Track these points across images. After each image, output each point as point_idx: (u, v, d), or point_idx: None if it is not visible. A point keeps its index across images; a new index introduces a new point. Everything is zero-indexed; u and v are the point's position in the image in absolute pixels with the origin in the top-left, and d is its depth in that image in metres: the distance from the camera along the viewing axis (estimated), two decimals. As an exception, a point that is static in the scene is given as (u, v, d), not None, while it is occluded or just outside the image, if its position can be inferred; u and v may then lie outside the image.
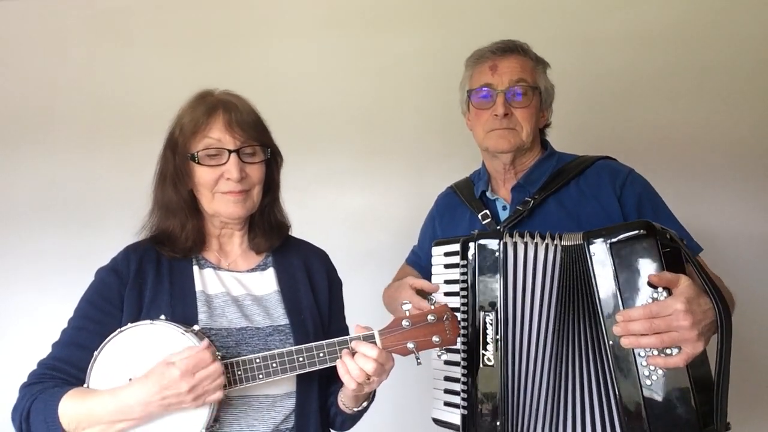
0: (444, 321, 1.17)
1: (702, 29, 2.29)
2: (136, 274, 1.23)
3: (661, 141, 2.30)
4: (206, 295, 1.25)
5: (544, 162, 1.55)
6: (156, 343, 1.12)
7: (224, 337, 1.20)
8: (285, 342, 1.24)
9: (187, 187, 1.26)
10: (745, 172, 2.27)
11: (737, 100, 2.28)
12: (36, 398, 1.12)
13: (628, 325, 1.14)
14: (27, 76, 2.63)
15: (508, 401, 1.26)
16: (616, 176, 1.47)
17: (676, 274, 1.14)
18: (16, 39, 2.63)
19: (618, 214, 1.43)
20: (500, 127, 1.48)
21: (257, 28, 2.55)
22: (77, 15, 2.62)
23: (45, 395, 1.11)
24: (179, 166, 1.24)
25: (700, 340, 1.11)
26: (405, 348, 1.15)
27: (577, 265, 1.25)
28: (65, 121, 2.61)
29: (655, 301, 1.15)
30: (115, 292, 1.22)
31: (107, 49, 2.60)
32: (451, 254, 1.40)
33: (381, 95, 2.48)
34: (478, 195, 1.58)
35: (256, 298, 1.29)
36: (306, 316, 1.29)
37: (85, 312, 1.22)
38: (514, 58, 1.51)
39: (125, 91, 2.59)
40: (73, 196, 2.58)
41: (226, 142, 1.22)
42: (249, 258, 1.35)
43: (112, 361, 1.13)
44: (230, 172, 1.22)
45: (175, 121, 1.28)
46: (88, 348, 1.15)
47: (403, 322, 1.16)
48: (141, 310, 1.20)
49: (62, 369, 1.17)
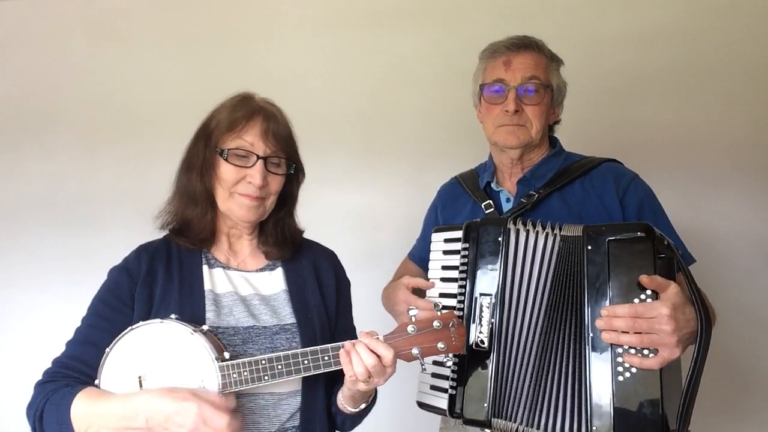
0: (450, 328, 1.16)
1: (702, 29, 2.29)
2: (146, 273, 1.25)
3: (660, 141, 2.31)
4: (214, 294, 1.27)
5: (552, 159, 1.56)
6: (165, 342, 1.14)
7: (231, 336, 1.22)
8: (291, 341, 1.25)
9: (212, 179, 1.29)
10: (745, 172, 2.27)
11: (737, 100, 2.28)
12: (49, 399, 1.14)
13: (611, 321, 1.16)
14: (27, 76, 2.63)
15: (496, 384, 1.28)
16: (621, 179, 1.49)
17: (666, 279, 1.17)
18: (16, 39, 2.63)
19: (619, 216, 1.44)
20: (510, 123, 1.49)
21: (257, 28, 2.56)
22: (77, 15, 2.62)
23: (57, 395, 1.13)
24: (208, 158, 1.27)
25: (678, 346, 1.14)
26: (410, 354, 1.15)
27: (573, 256, 1.27)
28: (65, 121, 2.61)
29: (642, 302, 1.17)
30: (126, 291, 1.24)
31: (107, 49, 2.60)
32: (451, 240, 1.42)
33: (381, 95, 2.48)
34: (482, 186, 1.60)
35: (263, 297, 1.31)
36: (313, 315, 1.31)
37: (97, 310, 1.24)
38: (528, 55, 1.51)
39: (125, 91, 2.59)
40: (73, 196, 2.58)
41: (257, 147, 1.26)
42: (258, 258, 1.37)
43: (122, 359, 1.15)
44: (253, 177, 1.25)
45: (212, 115, 1.31)
46: (100, 346, 1.16)
47: (408, 327, 1.16)
48: (151, 308, 1.22)
49: (75, 367, 1.19)
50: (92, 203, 2.57)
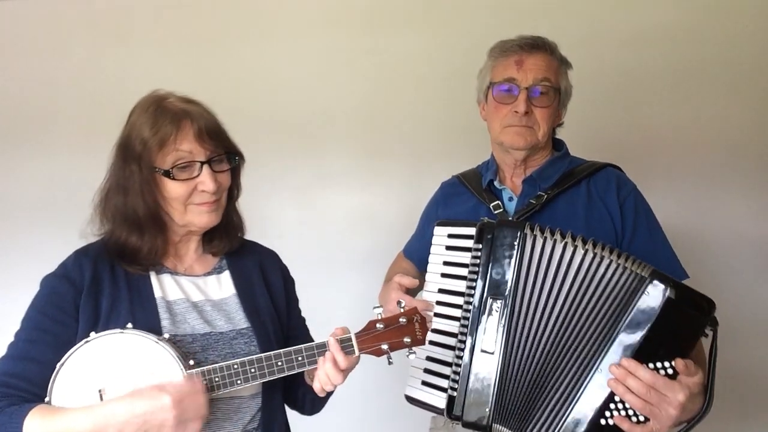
0: (414, 322, 1.21)
1: (702, 29, 2.29)
2: (91, 282, 1.18)
3: (660, 140, 2.30)
4: (166, 302, 1.22)
5: (558, 161, 1.56)
6: (126, 352, 1.10)
7: (189, 343, 1.19)
8: (249, 345, 1.24)
9: (156, 200, 1.21)
10: (745, 172, 2.27)
11: (737, 100, 2.27)
12: None
13: (627, 377, 1.17)
14: (27, 76, 2.63)
15: (500, 390, 1.28)
16: (622, 186, 1.49)
17: (696, 367, 1.17)
18: (16, 39, 2.63)
19: (618, 221, 1.45)
20: (519, 124, 1.48)
21: (257, 28, 2.55)
22: (77, 15, 2.62)
23: (4, 416, 1.05)
24: (147, 179, 1.18)
25: (671, 427, 1.17)
26: (379, 349, 1.19)
27: (625, 290, 1.23)
28: (65, 121, 2.61)
29: (664, 376, 1.16)
30: (69, 301, 1.15)
31: (107, 49, 2.60)
32: (456, 236, 1.40)
33: (380, 96, 2.48)
34: (485, 184, 1.59)
35: (215, 303, 1.28)
36: (265, 317, 1.30)
37: (36, 323, 1.15)
38: (540, 56, 1.49)
39: (125, 91, 2.57)
40: (72, 196, 2.58)
41: (197, 153, 1.19)
42: (204, 262, 1.33)
43: (78, 374, 1.08)
44: (205, 184, 1.19)
45: (132, 131, 1.22)
46: (43, 361, 1.09)
47: (377, 324, 1.20)
48: (99, 319, 1.15)
49: (18, 386, 1.09)
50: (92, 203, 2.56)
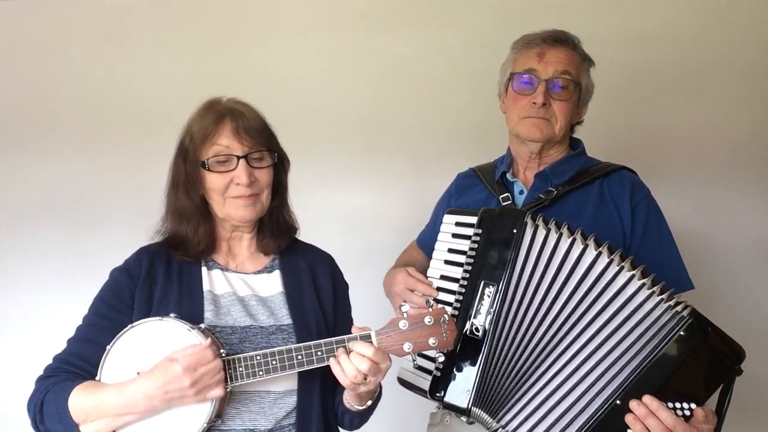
0: (441, 323, 1.17)
1: (702, 29, 2.29)
2: (147, 274, 1.29)
3: (660, 140, 2.30)
4: (213, 295, 1.30)
5: (574, 158, 1.56)
6: (163, 339, 1.17)
7: (228, 335, 1.25)
8: (287, 340, 1.28)
9: (199, 193, 1.31)
10: (746, 172, 2.27)
11: (737, 100, 2.27)
12: (49, 390, 1.18)
13: (648, 416, 1.16)
14: (27, 76, 2.63)
15: (483, 375, 1.27)
16: (636, 190, 1.49)
17: (713, 416, 1.19)
18: (16, 39, 2.63)
19: (628, 225, 1.45)
20: (536, 115, 1.48)
21: (257, 28, 2.55)
22: (77, 15, 2.62)
23: (57, 388, 1.17)
24: (191, 174, 1.30)
25: None
26: (401, 349, 1.16)
27: (656, 321, 1.22)
28: (65, 121, 2.61)
29: (681, 417, 1.17)
30: (126, 291, 1.28)
31: (107, 49, 2.60)
32: (462, 225, 1.41)
33: (381, 95, 2.48)
34: (498, 176, 1.59)
35: (261, 298, 1.34)
36: (309, 317, 1.33)
37: (98, 309, 1.28)
38: (562, 50, 1.50)
39: (125, 91, 2.59)
40: (73, 196, 2.58)
41: (234, 148, 1.27)
42: (256, 260, 1.39)
43: (122, 356, 1.19)
44: (239, 177, 1.27)
45: (185, 130, 1.33)
46: (100, 344, 1.20)
47: (400, 323, 1.17)
48: (151, 308, 1.26)
49: (75, 363, 1.23)
50: (92, 203, 2.56)
